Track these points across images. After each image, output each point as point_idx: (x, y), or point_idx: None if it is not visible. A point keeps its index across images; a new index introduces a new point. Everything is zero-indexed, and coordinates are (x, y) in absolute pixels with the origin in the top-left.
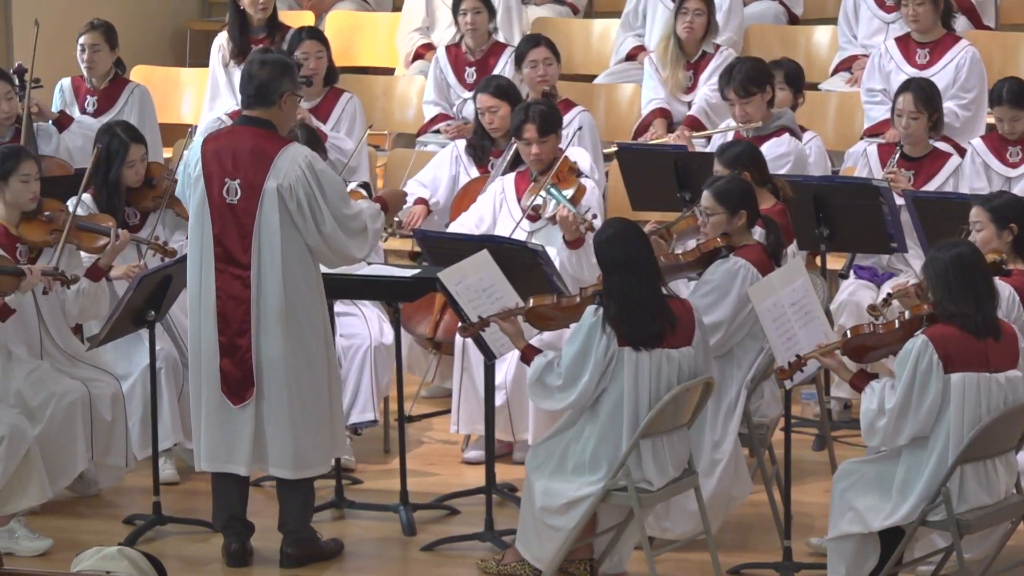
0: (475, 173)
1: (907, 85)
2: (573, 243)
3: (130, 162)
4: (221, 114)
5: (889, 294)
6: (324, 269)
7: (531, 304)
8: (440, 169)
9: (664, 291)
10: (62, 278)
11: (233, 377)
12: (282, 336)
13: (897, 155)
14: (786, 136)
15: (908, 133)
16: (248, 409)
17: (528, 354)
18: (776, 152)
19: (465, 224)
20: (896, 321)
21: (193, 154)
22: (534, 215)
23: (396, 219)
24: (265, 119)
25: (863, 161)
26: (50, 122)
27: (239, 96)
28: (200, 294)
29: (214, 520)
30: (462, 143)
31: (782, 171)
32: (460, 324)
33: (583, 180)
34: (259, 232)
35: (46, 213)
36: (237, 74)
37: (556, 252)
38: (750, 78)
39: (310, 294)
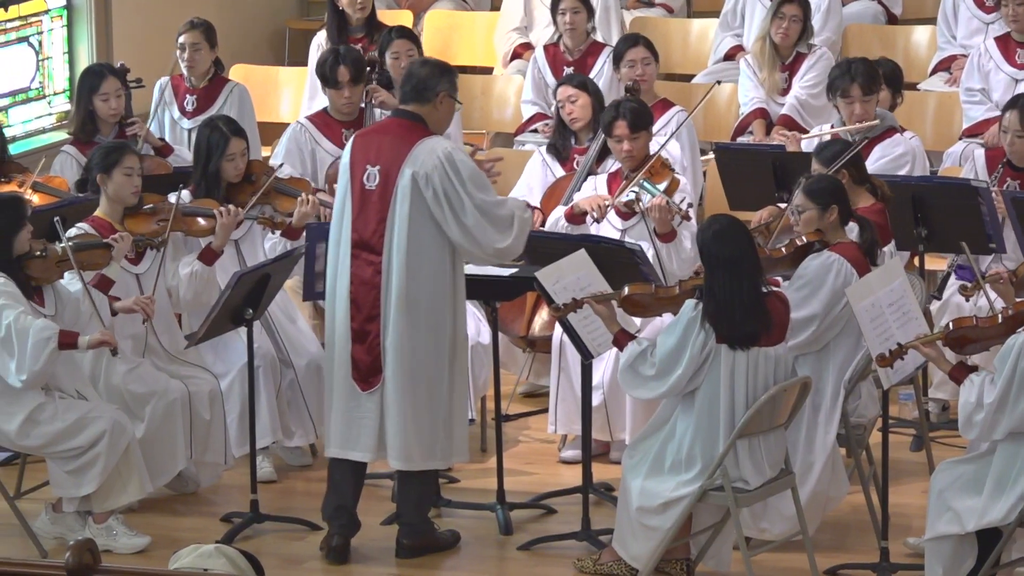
0: (560, 172)
1: (1015, 102)
2: (665, 236)
3: (230, 155)
4: (302, 119)
5: (983, 276)
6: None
7: (627, 292)
8: (532, 177)
9: (764, 288)
10: (151, 242)
11: (363, 363)
12: (402, 325)
13: (1003, 166)
14: (898, 135)
15: (1013, 151)
16: (375, 396)
17: (621, 340)
18: (895, 152)
19: (558, 224)
20: (999, 316)
21: (348, 144)
22: (627, 212)
23: None
24: (418, 114)
25: (969, 164)
26: (152, 148)
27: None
28: (336, 280)
29: (323, 509)
30: (544, 147)
31: (903, 171)
32: (551, 304)
33: (676, 175)
34: (392, 219)
35: (149, 205)
36: (336, 72)
37: (647, 247)
38: (872, 76)
39: (436, 286)
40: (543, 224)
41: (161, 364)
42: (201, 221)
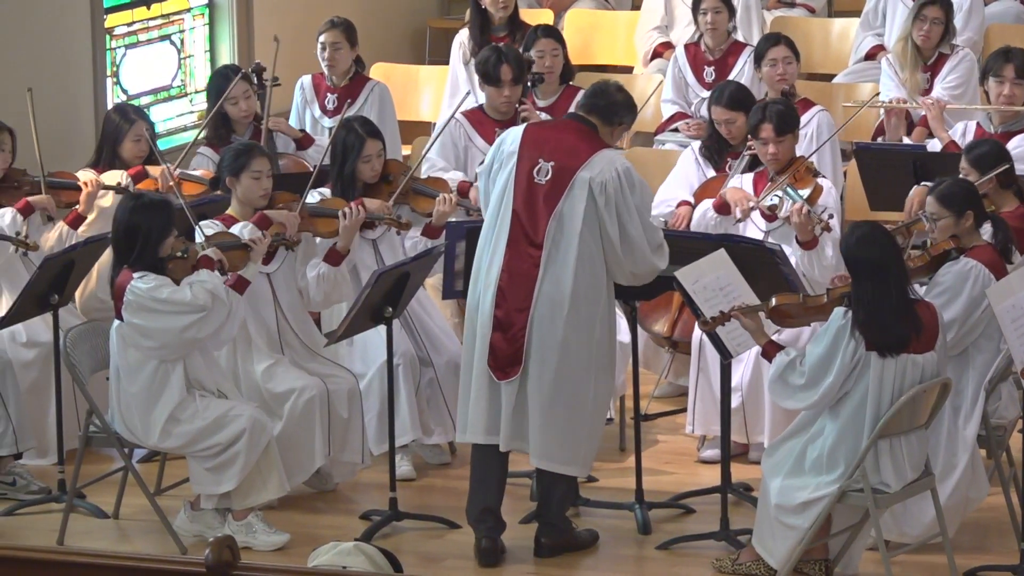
0: (712, 174)
1: None
2: (807, 243)
3: (366, 157)
4: (458, 115)
5: None
6: None
7: (774, 303)
8: (690, 173)
9: (911, 295)
10: (286, 242)
11: (502, 352)
12: (553, 323)
13: None
14: None
15: None
16: (512, 386)
17: (769, 351)
18: None
19: (706, 216)
20: None
21: (513, 133)
22: (770, 215)
23: (662, 220)
24: (596, 126)
25: None
26: (292, 140)
27: (478, 94)
28: (483, 266)
29: (468, 513)
30: (698, 144)
31: None
32: (700, 319)
33: (820, 180)
34: (560, 216)
35: (278, 206)
36: (499, 71)
37: (790, 252)
38: None
39: (593, 290)
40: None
41: (300, 361)
42: (330, 223)
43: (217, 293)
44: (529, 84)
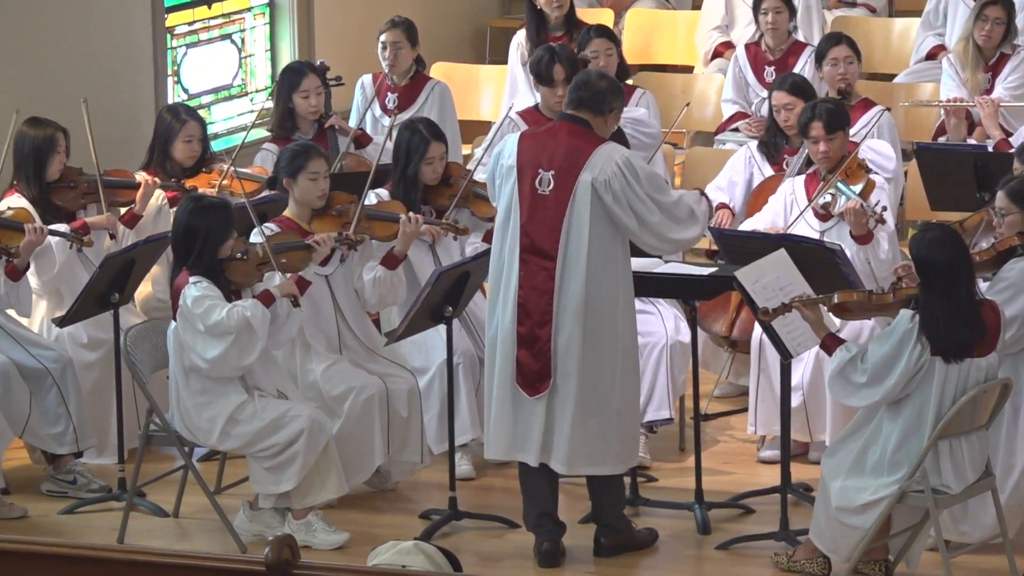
0: (769, 172)
1: None
2: (861, 238)
3: (429, 159)
4: (512, 114)
5: None
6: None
7: (837, 299)
8: (735, 172)
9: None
10: (349, 241)
11: (530, 368)
12: (576, 331)
13: None
14: None
15: None
16: (542, 401)
17: (830, 344)
18: None
19: (756, 224)
20: None
21: (509, 145)
22: (824, 214)
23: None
24: (588, 121)
25: None
26: (349, 138)
27: (535, 94)
28: (501, 284)
29: (525, 519)
30: (755, 143)
31: None
32: (760, 308)
33: (872, 176)
34: (568, 224)
35: (337, 207)
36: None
37: (845, 249)
38: None
39: (611, 293)
40: (727, 223)
41: (360, 360)
42: (388, 226)
43: (253, 324)
44: None
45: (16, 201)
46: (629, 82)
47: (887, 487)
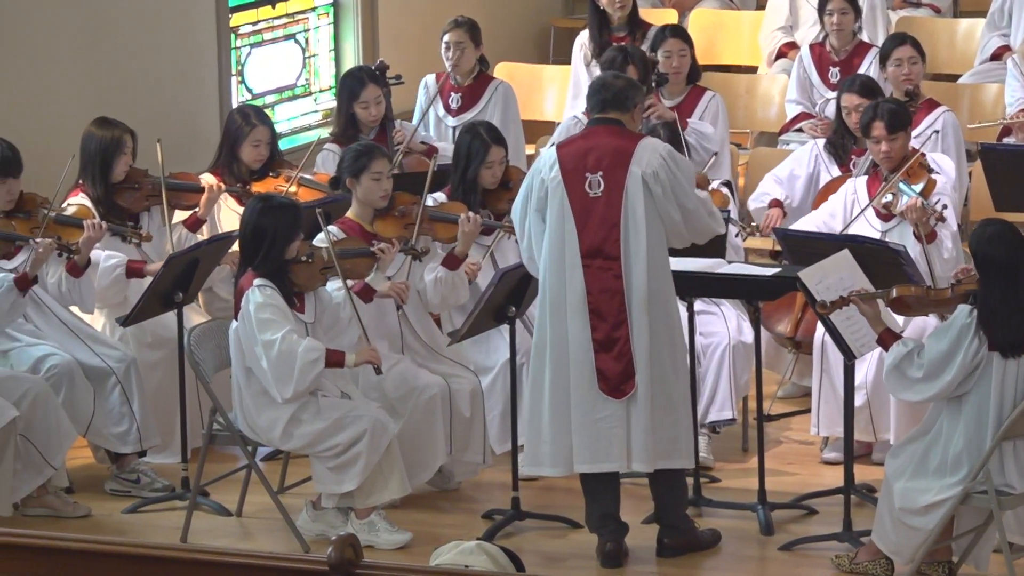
0: (836, 172)
1: None
2: (926, 237)
3: (488, 163)
4: (578, 113)
5: None
6: (680, 266)
7: (895, 293)
8: (799, 166)
9: None
10: (413, 251)
11: (613, 372)
12: (649, 327)
13: None
14: None
15: None
16: (624, 403)
17: (887, 339)
18: None
19: (814, 221)
20: None
21: (547, 160)
22: (886, 213)
23: (753, 223)
24: (620, 120)
25: None
26: (419, 152)
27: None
28: (562, 292)
29: (587, 521)
30: (822, 142)
31: None
32: (819, 302)
33: (934, 175)
34: (625, 220)
35: (399, 208)
36: (597, 72)
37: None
38: None
39: (667, 285)
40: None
41: (422, 360)
42: (449, 228)
43: (295, 364)
44: (654, 84)
45: (79, 200)
46: (698, 83)
47: (950, 488)
